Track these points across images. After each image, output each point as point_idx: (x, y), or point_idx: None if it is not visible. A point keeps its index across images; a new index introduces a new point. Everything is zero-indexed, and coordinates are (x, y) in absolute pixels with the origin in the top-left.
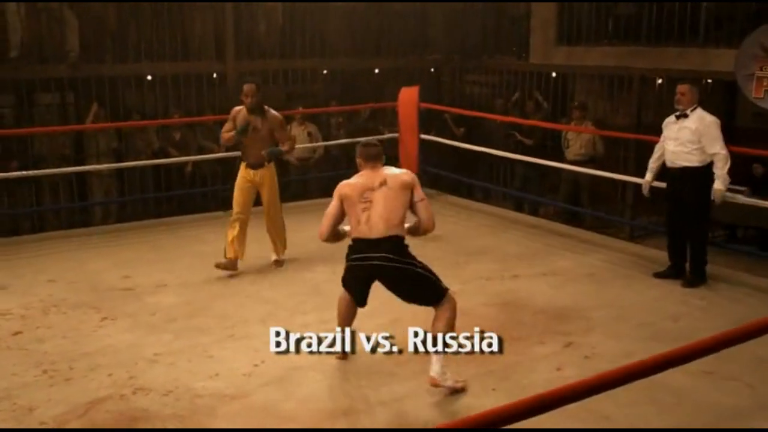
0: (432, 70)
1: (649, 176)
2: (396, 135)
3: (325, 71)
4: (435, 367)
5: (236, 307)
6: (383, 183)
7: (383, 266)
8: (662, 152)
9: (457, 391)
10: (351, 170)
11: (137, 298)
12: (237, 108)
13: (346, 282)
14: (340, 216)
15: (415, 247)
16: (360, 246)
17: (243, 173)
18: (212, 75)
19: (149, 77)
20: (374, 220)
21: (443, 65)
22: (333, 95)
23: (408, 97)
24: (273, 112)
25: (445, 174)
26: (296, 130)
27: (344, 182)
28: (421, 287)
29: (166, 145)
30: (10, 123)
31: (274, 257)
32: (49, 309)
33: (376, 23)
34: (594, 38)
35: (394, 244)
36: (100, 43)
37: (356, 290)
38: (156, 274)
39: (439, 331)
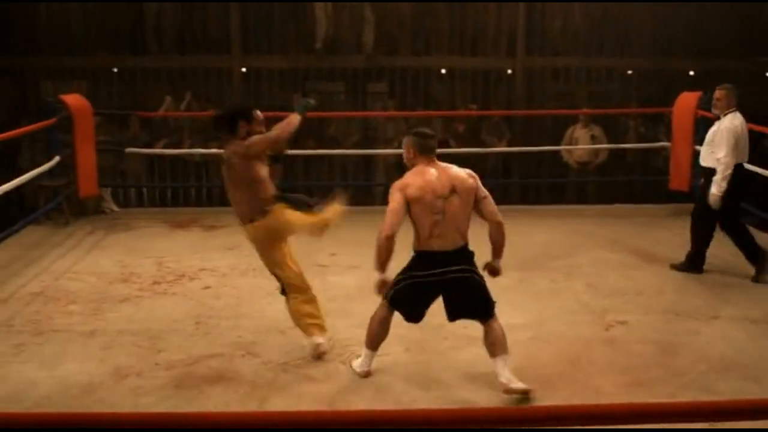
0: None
1: None
2: (668, 144)
3: (630, 71)
4: (505, 372)
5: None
6: (453, 191)
7: (461, 278)
8: None
9: (526, 393)
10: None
11: (323, 276)
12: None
13: (404, 299)
14: (404, 216)
15: None
16: (434, 259)
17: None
18: (501, 71)
19: (443, 71)
20: (449, 231)
21: None
22: (633, 96)
23: (685, 102)
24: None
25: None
26: (580, 132)
27: (407, 182)
28: (482, 297)
29: (448, 137)
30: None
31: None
32: (248, 272)
33: (693, 20)
34: None
35: (468, 253)
36: (395, 36)
37: (417, 307)
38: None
39: (503, 348)
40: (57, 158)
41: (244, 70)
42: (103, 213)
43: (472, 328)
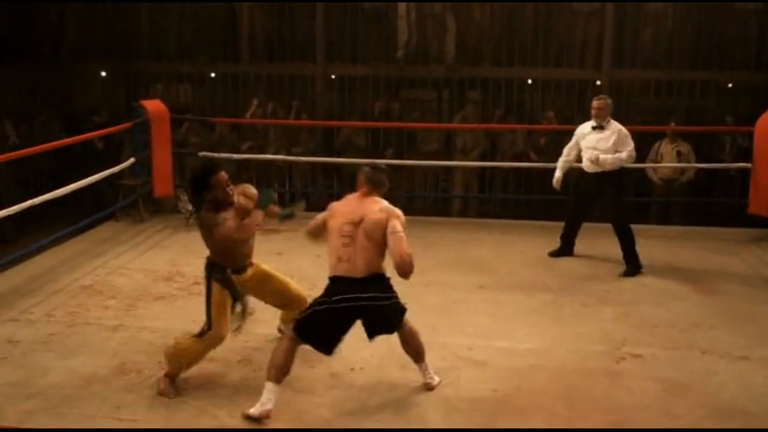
0: None
1: None
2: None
3: (730, 84)
4: (428, 374)
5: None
6: (361, 221)
7: (373, 306)
8: None
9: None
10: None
11: None
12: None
13: (312, 326)
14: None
15: None
16: (342, 285)
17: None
18: (586, 82)
19: (530, 81)
20: (356, 258)
21: None
22: (730, 112)
23: None
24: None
25: None
26: (666, 147)
27: (333, 204)
28: (391, 319)
29: (529, 149)
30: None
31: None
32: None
33: None
34: None
35: (380, 282)
36: (477, 46)
37: (327, 334)
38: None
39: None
40: (132, 159)
41: (333, 77)
42: (179, 212)
43: (476, 350)
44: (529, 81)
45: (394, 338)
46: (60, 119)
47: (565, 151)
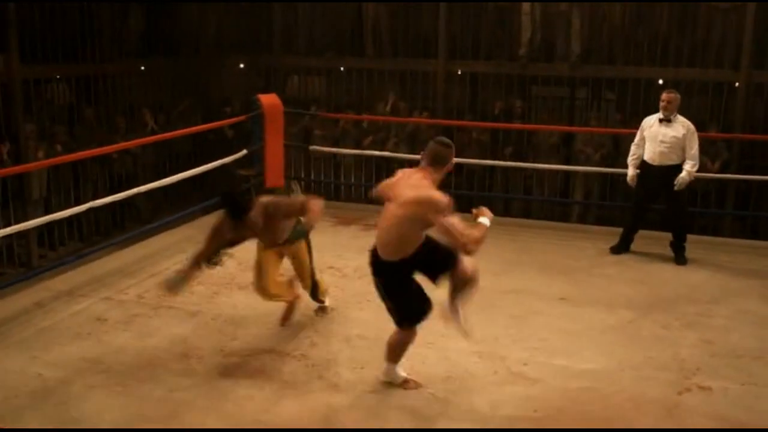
0: None
1: None
2: None
3: None
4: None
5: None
6: (394, 198)
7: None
8: None
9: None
10: None
11: None
12: None
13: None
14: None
15: None
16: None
17: None
18: (722, 84)
19: (660, 81)
20: (379, 235)
21: None
22: None
23: None
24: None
25: None
26: None
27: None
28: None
29: None
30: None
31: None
32: (366, 276)
33: None
34: None
35: (384, 266)
36: (604, 45)
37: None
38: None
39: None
40: (244, 151)
41: (459, 72)
42: None
43: (532, 366)
44: (660, 81)
45: (441, 348)
46: (198, 109)
47: (633, 149)
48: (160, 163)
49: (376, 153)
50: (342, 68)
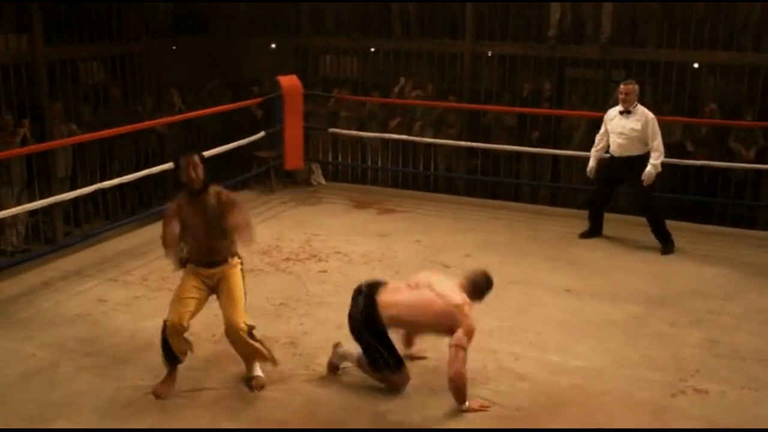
0: None
1: None
2: None
3: None
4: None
5: None
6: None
7: None
8: None
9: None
10: None
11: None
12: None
13: None
14: None
15: None
16: None
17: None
18: (759, 68)
19: (695, 65)
20: None
21: None
22: None
23: None
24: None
25: None
26: None
27: None
28: None
29: (686, 140)
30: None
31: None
32: (373, 263)
33: None
34: None
35: None
36: (637, 26)
37: None
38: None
39: None
40: (262, 133)
41: (490, 53)
42: (310, 185)
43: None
44: (695, 65)
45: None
46: (227, 89)
47: (597, 139)
48: (188, 143)
49: (394, 136)
50: (372, 49)
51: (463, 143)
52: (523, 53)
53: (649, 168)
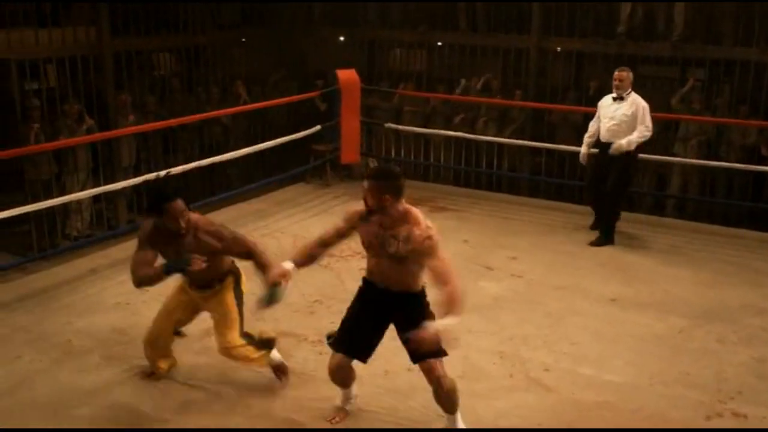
0: None
1: None
2: None
3: None
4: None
5: None
6: None
7: None
8: None
9: None
10: None
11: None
12: None
13: None
14: None
15: None
16: None
17: None
18: None
19: None
20: None
21: None
22: None
23: None
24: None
25: None
26: None
27: None
28: None
29: (762, 143)
30: None
31: None
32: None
33: None
34: None
35: None
36: (712, 23)
37: None
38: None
39: None
40: (318, 126)
41: (559, 49)
42: None
43: (553, 373)
44: None
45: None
46: (293, 81)
47: (591, 126)
48: (252, 135)
49: (451, 133)
50: (440, 43)
51: (525, 142)
52: (590, 49)
53: (623, 140)
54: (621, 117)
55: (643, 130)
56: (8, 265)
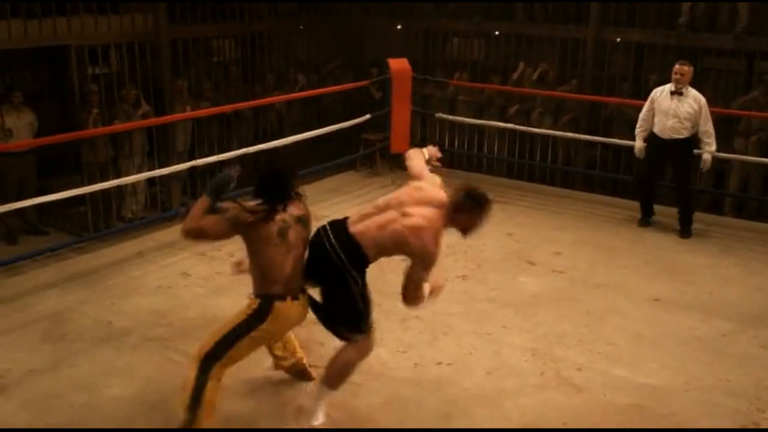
0: None
1: None
2: None
3: None
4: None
5: None
6: None
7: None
8: None
9: None
10: None
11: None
12: None
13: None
14: None
15: None
16: None
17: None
18: None
19: None
20: None
21: None
22: None
23: None
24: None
25: None
26: None
27: None
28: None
29: None
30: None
31: None
32: (458, 256)
33: None
34: None
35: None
36: None
37: None
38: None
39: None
40: (368, 116)
41: (618, 40)
42: None
43: (585, 373)
44: None
45: (496, 341)
46: (349, 69)
47: (640, 121)
48: (307, 122)
49: (499, 124)
50: (497, 32)
51: (580, 136)
52: (650, 40)
53: (706, 156)
54: (685, 114)
55: (711, 134)
56: (63, 244)
